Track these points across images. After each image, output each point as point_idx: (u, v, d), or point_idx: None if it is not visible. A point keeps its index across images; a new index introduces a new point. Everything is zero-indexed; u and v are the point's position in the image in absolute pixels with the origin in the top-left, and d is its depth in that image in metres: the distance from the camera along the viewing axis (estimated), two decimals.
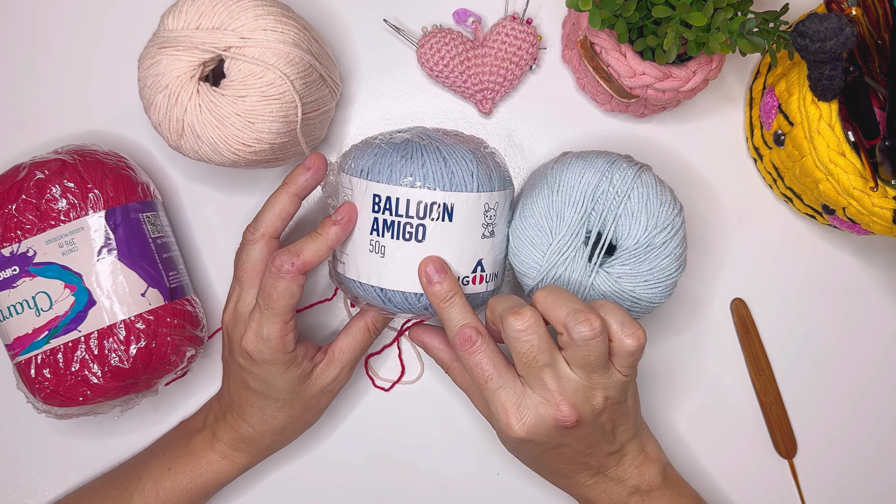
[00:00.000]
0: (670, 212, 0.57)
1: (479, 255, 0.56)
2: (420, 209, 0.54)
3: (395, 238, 0.54)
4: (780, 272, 0.68)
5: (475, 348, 0.52)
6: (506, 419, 0.52)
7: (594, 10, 0.54)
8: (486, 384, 0.52)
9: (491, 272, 0.57)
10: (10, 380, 0.63)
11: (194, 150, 0.57)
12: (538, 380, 0.52)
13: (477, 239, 0.55)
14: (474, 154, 0.56)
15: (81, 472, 0.67)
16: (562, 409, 0.51)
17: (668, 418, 0.68)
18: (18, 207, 0.59)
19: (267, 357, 0.56)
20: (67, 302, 0.59)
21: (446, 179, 0.54)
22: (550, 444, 0.53)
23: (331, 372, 0.59)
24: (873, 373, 0.68)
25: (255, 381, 0.57)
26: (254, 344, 0.56)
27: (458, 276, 0.55)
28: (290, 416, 0.60)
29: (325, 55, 0.60)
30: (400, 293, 0.55)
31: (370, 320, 0.60)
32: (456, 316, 0.54)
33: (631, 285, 0.57)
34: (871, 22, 0.57)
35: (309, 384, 0.59)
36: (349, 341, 0.60)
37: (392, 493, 0.67)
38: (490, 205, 0.55)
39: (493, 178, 0.56)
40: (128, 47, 0.64)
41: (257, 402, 0.59)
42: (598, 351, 0.50)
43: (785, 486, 0.68)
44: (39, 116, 0.68)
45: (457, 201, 0.54)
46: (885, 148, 0.55)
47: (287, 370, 0.57)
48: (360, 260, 0.56)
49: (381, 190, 0.54)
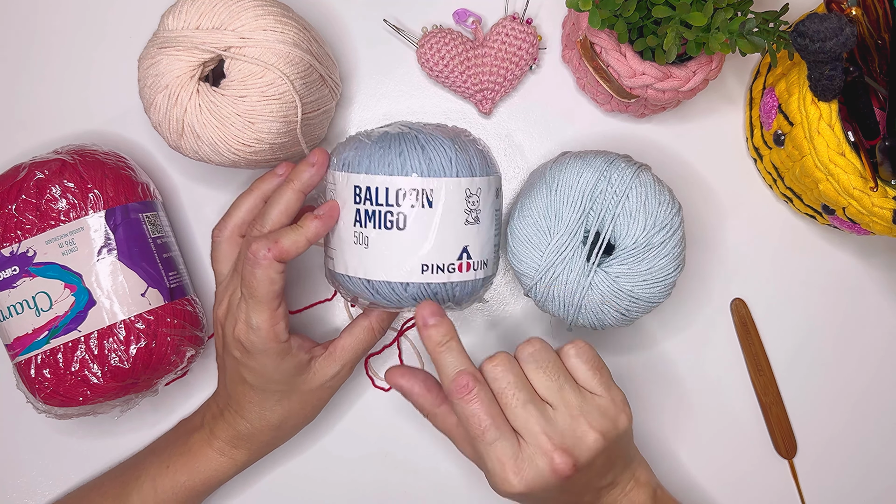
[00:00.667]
0: (668, 211, 0.57)
1: (464, 242, 0.55)
2: (399, 197, 0.54)
3: (377, 227, 0.55)
4: (779, 272, 0.68)
5: (472, 396, 0.50)
6: (503, 474, 0.50)
7: (594, 10, 0.54)
8: (483, 436, 0.50)
9: (479, 260, 0.56)
10: (10, 380, 0.63)
11: (194, 150, 0.57)
12: (526, 423, 0.50)
13: (460, 225, 0.55)
14: (453, 141, 0.56)
15: (81, 472, 0.67)
16: (556, 458, 0.50)
17: (668, 418, 0.68)
18: (18, 207, 0.59)
19: (259, 346, 0.55)
20: (67, 302, 0.59)
21: (424, 165, 0.54)
22: (547, 496, 0.52)
23: (331, 368, 0.59)
24: (873, 373, 0.68)
25: (250, 375, 0.57)
26: (245, 334, 0.55)
27: (443, 263, 0.55)
28: (288, 410, 0.59)
29: (325, 55, 0.60)
30: (386, 283, 0.55)
31: (374, 320, 0.60)
32: (452, 361, 0.52)
33: (629, 285, 0.57)
34: (871, 22, 0.57)
35: (307, 377, 0.58)
36: (351, 340, 0.59)
37: (391, 492, 0.67)
38: (472, 190, 0.55)
39: (473, 164, 0.56)
40: (128, 47, 0.64)
41: (254, 397, 0.58)
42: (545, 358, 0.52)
43: (785, 486, 0.68)
44: (39, 116, 0.68)
45: (436, 187, 0.54)
46: (885, 148, 0.55)
47: (282, 361, 0.56)
48: (347, 253, 0.56)
49: (361, 180, 0.55)
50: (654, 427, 0.67)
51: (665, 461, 0.67)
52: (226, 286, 0.59)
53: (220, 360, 0.60)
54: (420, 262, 0.55)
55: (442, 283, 0.55)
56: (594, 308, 0.58)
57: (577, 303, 0.57)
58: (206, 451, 0.61)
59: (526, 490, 0.51)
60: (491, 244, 0.58)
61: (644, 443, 0.67)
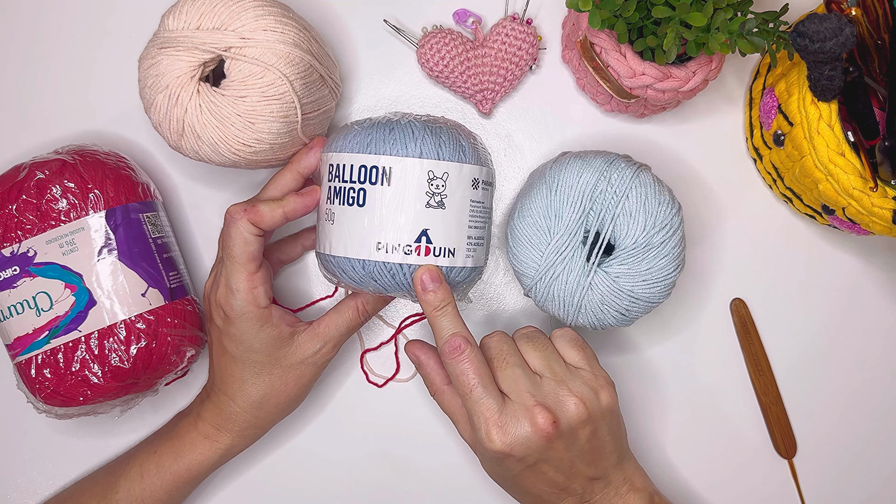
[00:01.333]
0: (668, 211, 0.57)
1: (423, 225, 0.55)
2: (361, 174, 0.55)
3: (341, 204, 0.56)
4: (779, 272, 0.68)
5: (463, 357, 0.53)
6: (486, 429, 0.52)
7: (594, 11, 0.54)
8: (471, 393, 0.53)
9: (442, 246, 0.56)
10: (11, 380, 0.63)
11: (194, 150, 0.57)
12: (513, 383, 0.53)
13: (420, 207, 0.55)
14: (425, 125, 0.56)
15: (81, 473, 0.67)
16: (537, 414, 0.52)
17: (669, 418, 0.68)
18: (19, 207, 0.59)
19: (238, 309, 0.57)
20: (68, 302, 0.59)
21: (388, 145, 0.55)
22: (530, 459, 0.53)
23: (313, 344, 0.59)
24: (873, 372, 0.68)
25: (231, 343, 0.58)
26: (225, 297, 0.57)
27: (398, 243, 0.55)
28: (269, 384, 0.59)
29: (325, 55, 0.60)
30: (346, 260, 0.56)
31: (361, 301, 0.61)
32: (447, 325, 0.54)
33: (629, 285, 0.57)
34: (871, 22, 0.57)
35: (289, 351, 0.59)
36: (337, 318, 0.60)
37: (390, 490, 0.67)
38: (436, 173, 0.55)
39: (443, 149, 0.56)
40: (128, 47, 0.64)
41: (235, 370, 0.59)
42: (537, 336, 0.56)
43: (785, 486, 0.68)
44: (40, 116, 0.68)
45: (395, 165, 0.55)
46: (884, 148, 0.55)
47: (262, 328, 0.57)
48: (321, 231, 0.58)
49: (333, 159, 0.57)
50: (654, 426, 0.67)
51: (664, 460, 0.67)
52: (216, 263, 0.60)
53: (209, 338, 0.61)
54: (375, 240, 0.55)
55: (398, 263, 0.55)
56: (594, 308, 0.58)
57: (576, 303, 0.57)
58: (191, 434, 0.61)
59: (507, 447, 0.52)
60: (461, 234, 0.57)
61: (643, 442, 0.67)
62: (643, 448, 0.67)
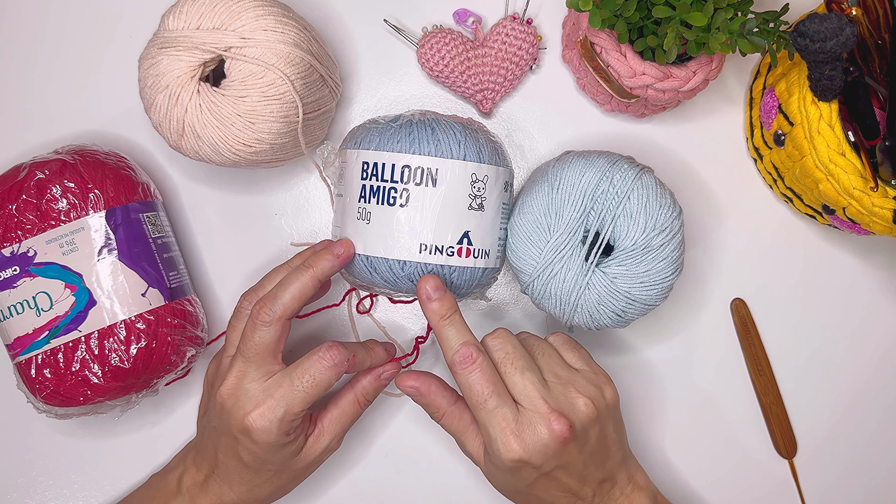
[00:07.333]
0: (669, 214, 0.57)
1: (466, 227, 0.56)
2: (405, 174, 0.55)
3: (380, 203, 0.55)
4: (780, 272, 0.68)
5: (475, 366, 0.52)
6: (504, 439, 0.51)
7: (594, 10, 0.54)
8: (485, 404, 0.52)
9: (480, 248, 0.57)
10: (11, 380, 0.63)
11: (195, 150, 0.57)
12: (525, 390, 0.52)
13: (463, 209, 0.55)
14: (464, 126, 0.57)
15: (81, 473, 0.67)
16: (553, 421, 0.51)
17: (669, 418, 0.68)
18: (19, 207, 0.59)
19: (274, 439, 0.54)
20: (68, 302, 0.59)
21: (432, 146, 0.55)
22: (547, 467, 0.53)
23: (321, 443, 0.58)
24: (873, 372, 0.68)
25: (248, 456, 0.56)
26: (266, 422, 0.54)
27: (442, 245, 0.55)
28: (277, 486, 0.59)
29: (325, 55, 0.60)
30: (384, 261, 0.55)
31: (360, 392, 0.59)
32: (455, 334, 0.53)
33: (627, 286, 0.57)
34: (871, 22, 0.57)
35: (300, 457, 0.58)
36: (338, 412, 0.59)
37: (391, 492, 0.67)
38: (478, 175, 0.56)
39: (483, 151, 0.56)
40: (128, 47, 0.64)
41: (247, 475, 0.57)
42: (533, 340, 0.56)
43: (785, 486, 0.68)
44: (39, 116, 0.68)
45: (441, 167, 0.55)
46: (885, 148, 0.55)
47: (283, 448, 0.56)
48: (350, 229, 0.57)
49: (369, 157, 0.56)
50: (654, 427, 0.67)
51: (665, 461, 0.67)
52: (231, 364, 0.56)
53: (212, 430, 0.58)
54: (419, 242, 0.55)
55: (440, 265, 0.55)
56: (590, 308, 0.58)
57: (573, 302, 0.57)
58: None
59: (526, 455, 0.52)
60: (494, 236, 0.58)
61: (643, 442, 0.67)
62: (643, 448, 0.67)
